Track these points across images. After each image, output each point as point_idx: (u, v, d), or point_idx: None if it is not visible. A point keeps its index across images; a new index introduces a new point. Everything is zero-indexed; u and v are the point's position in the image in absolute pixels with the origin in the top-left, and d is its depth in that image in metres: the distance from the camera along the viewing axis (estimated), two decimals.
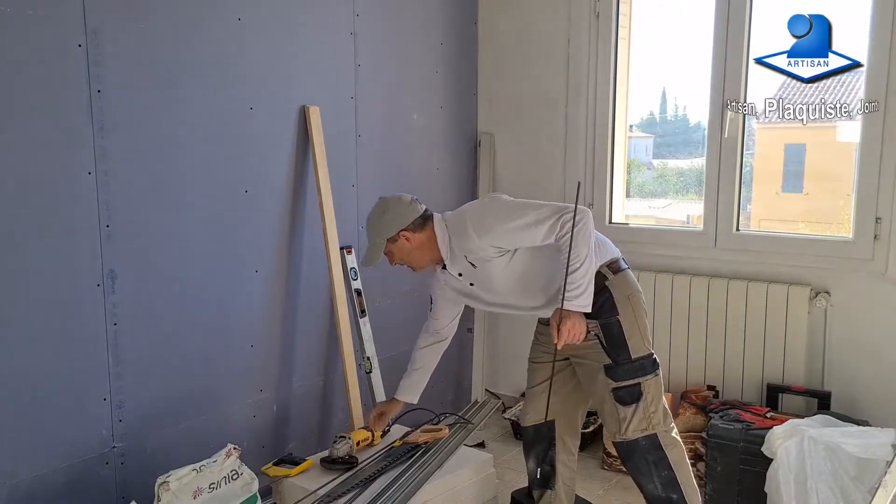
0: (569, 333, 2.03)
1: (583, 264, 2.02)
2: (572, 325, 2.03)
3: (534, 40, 3.43)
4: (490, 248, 2.10)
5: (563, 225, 2.02)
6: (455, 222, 2.17)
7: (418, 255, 2.19)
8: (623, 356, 2.13)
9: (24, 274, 2.00)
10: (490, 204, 2.18)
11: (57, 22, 2.00)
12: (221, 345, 2.52)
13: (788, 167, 3.74)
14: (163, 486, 2.02)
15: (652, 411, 2.13)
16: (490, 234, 2.08)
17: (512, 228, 2.07)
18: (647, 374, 2.14)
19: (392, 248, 2.17)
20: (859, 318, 2.83)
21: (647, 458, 2.13)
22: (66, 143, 2.05)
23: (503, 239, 2.09)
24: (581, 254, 2.02)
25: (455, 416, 2.97)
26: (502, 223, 2.08)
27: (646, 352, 2.16)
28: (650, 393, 2.13)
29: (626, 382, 2.12)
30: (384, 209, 2.19)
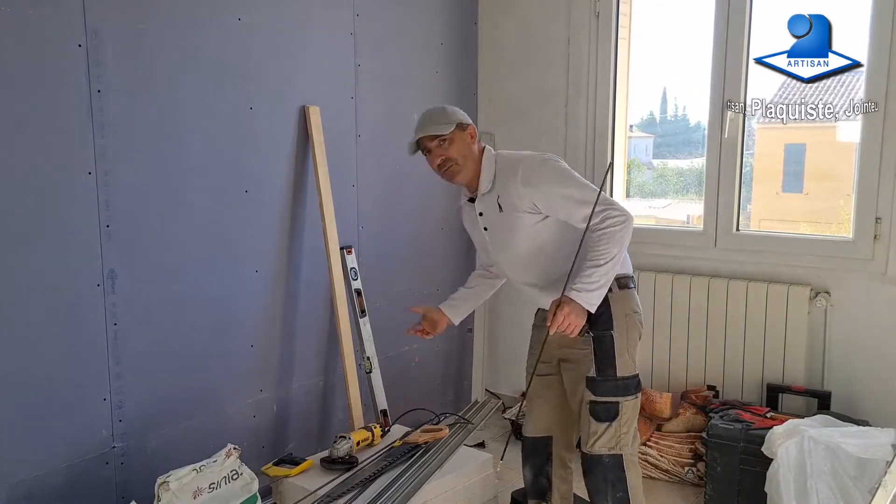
0: (565, 321, 1.93)
1: (608, 262, 1.96)
2: (569, 313, 1.93)
3: (534, 40, 3.43)
4: (528, 201, 2.03)
5: (605, 218, 1.96)
6: (507, 160, 2.12)
7: (470, 161, 2.11)
8: (609, 372, 2.06)
9: (25, 274, 2.00)
10: (549, 161, 2.08)
11: (57, 22, 2.00)
12: (221, 345, 2.52)
13: (788, 167, 3.74)
14: (163, 486, 2.02)
15: (623, 432, 2.07)
16: (535, 188, 2.02)
17: (558, 194, 2.01)
18: (629, 395, 2.08)
19: (457, 136, 2.09)
20: (859, 318, 2.83)
21: (608, 476, 2.08)
22: (66, 143, 2.05)
23: (545, 199, 2.03)
24: (611, 252, 1.96)
25: (455, 416, 2.97)
26: (552, 184, 2.02)
27: (631, 372, 2.09)
28: (626, 414, 2.07)
29: (605, 398, 2.06)
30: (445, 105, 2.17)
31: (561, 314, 1.93)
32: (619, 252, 1.98)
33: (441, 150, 2.10)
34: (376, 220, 3.08)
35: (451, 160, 2.11)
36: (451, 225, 3.48)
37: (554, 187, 2.02)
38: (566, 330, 1.95)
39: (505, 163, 2.12)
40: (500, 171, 2.11)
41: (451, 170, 2.12)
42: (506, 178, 2.08)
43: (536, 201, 2.04)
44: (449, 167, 2.12)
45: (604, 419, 2.06)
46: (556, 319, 1.94)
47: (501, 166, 2.11)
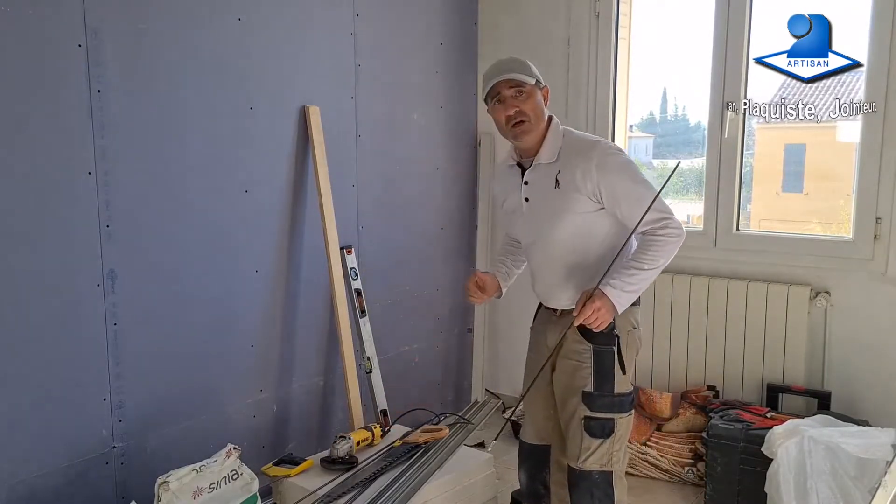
0: (593, 315, 1.86)
1: (651, 270, 1.91)
2: (599, 308, 1.86)
3: (534, 40, 3.43)
4: (593, 185, 1.92)
5: (666, 226, 1.91)
6: (579, 139, 2.00)
7: (540, 123, 1.98)
8: (606, 388, 1.99)
9: (25, 274, 2.00)
10: (624, 154, 2.00)
11: (57, 22, 2.00)
12: (221, 345, 2.52)
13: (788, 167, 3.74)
14: (163, 486, 2.02)
15: (616, 449, 2.01)
16: (607, 174, 1.91)
17: (628, 188, 1.91)
18: (624, 412, 2.01)
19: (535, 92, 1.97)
20: (859, 318, 2.83)
21: (595, 492, 2.02)
22: (66, 143, 2.05)
23: (611, 189, 1.91)
24: (658, 261, 1.91)
25: (455, 416, 2.97)
26: (625, 176, 1.92)
27: (627, 389, 2.03)
28: (620, 431, 2.01)
29: (600, 415, 1.99)
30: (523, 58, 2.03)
31: (591, 307, 1.87)
32: (665, 264, 1.94)
33: (517, 101, 1.96)
34: (376, 220, 3.08)
35: (525, 115, 1.96)
36: (451, 225, 3.48)
37: (626, 181, 1.92)
38: (593, 324, 1.89)
39: (575, 140, 2.00)
40: (567, 147, 1.98)
41: (523, 126, 1.96)
42: (575, 155, 1.95)
43: (602, 188, 1.92)
44: (520, 121, 1.96)
45: (598, 436, 2.00)
46: (585, 311, 1.87)
47: (570, 142, 1.99)
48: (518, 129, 1.97)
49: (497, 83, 1.98)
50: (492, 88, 1.99)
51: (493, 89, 1.99)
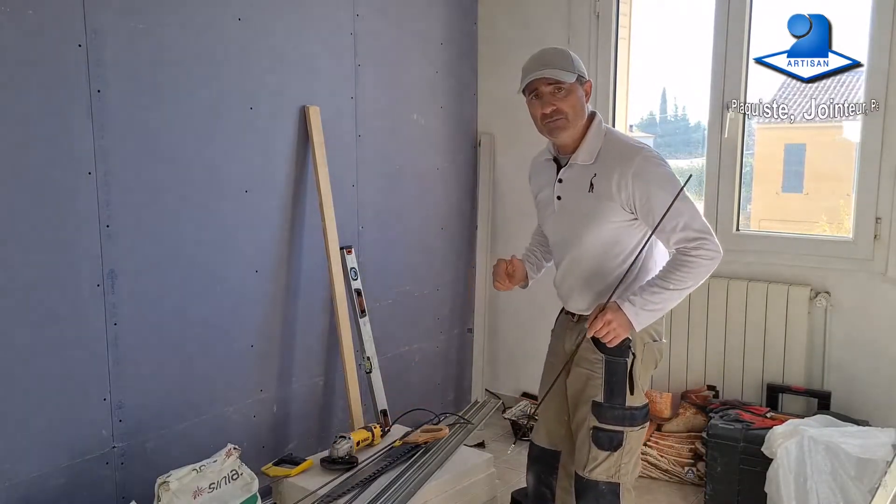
0: (604, 328, 1.81)
1: (677, 290, 1.81)
2: (610, 322, 1.80)
3: (534, 40, 3.42)
4: (628, 194, 1.83)
5: (699, 246, 1.80)
6: (621, 143, 1.90)
7: (579, 121, 1.88)
8: (617, 400, 1.92)
9: (25, 274, 2.00)
10: (666, 166, 1.86)
11: (57, 22, 2.00)
12: (221, 345, 2.52)
13: (788, 167, 3.74)
14: (163, 486, 2.02)
15: (625, 462, 1.94)
16: (645, 185, 1.81)
17: (659, 200, 1.80)
18: (635, 426, 1.94)
19: (575, 89, 1.86)
20: (859, 318, 2.83)
21: (601, 501, 1.95)
22: (66, 143, 2.05)
23: (645, 198, 1.81)
24: (686, 282, 1.81)
25: (455, 416, 2.97)
26: (664, 189, 1.80)
27: (641, 402, 1.95)
28: (630, 444, 1.94)
29: (609, 426, 1.92)
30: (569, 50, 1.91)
31: (602, 320, 1.81)
32: (694, 286, 1.83)
33: (555, 98, 1.85)
34: (376, 220, 3.08)
35: (562, 114, 1.86)
36: (451, 225, 3.48)
37: (664, 193, 1.80)
38: (604, 338, 1.84)
39: (617, 144, 1.89)
40: (607, 149, 1.88)
41: (559, 123, 1.87)
42: (614, 159, 1.86)
43: (637, 197, 1.82)
44: (557, 120, 1.86)
45: (606, 447, 1.93)
46: (596, 324, 1.82)
47: (611, 145, 1.89)
48: (554, 125, 1.88)
49: (535, 80, 1.86)
50: (530, 83, 1.88)
51: (532, 84, 1.88)
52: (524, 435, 3.36)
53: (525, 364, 3.60)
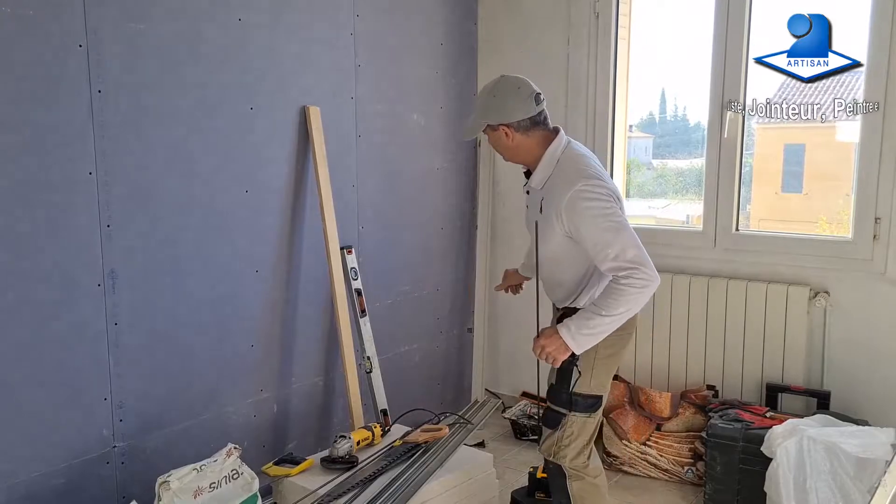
0: (543, 351, 1.97)
1: (611, 317, 1.92)
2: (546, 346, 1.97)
3: (534, 40, 3.43)
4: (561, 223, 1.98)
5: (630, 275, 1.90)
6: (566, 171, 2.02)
7: (512, 152, 2.09)
8: (563, 386, 2.07)
9: (25, 274, 2.00)
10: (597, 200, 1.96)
11: (57, 22, 2.00)
12: (221, 345, 2.53)
13: (788, 167, 3.74)
14: (163, 486, 2.02)
15: (564, 445, 2.10)
16: (574, 217, 1.95)
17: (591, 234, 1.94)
18: (577, 412, 2.08)
19: (490, 133, 2.07)
20: (859, 317, 2.83)
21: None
22: (66, 143, 2.05)
23: (576, 230, 1.96)
24: (618, 309, 1.91)
25: (455, 416, 2.97)
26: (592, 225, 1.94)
27: (587, 391, 2.08)
28: (570, 429, 2.09)
29: (555, 407, 2.10)
30: (495, 92, 2.04)
31: (537, 343, 1.99)
32: (627, 312, 1.93)
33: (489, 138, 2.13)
34: (376, 220, 3.08)
35: (494, 149, 2.16)
36: (451, 225, 3.48)
37: (592, 227, 1.94)
38: (545, 359, 1.99)
39: (561, 174, 2.02)
40: (554, 178, 2.03)
41: (502, 155, 2.14)
42: (557, 188, 2.00)
43: (571, 227, 1.98)
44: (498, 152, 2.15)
45: (549, 425, 2.12)
46: (538, 343, 1.99)
47: (558, 174, 2.03)
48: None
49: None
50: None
51: None
52: (524, 435, 3.36)
53: (525, 364, 3.59)
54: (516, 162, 2.14)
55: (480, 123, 2.07)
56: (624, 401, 3.05)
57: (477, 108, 2.09)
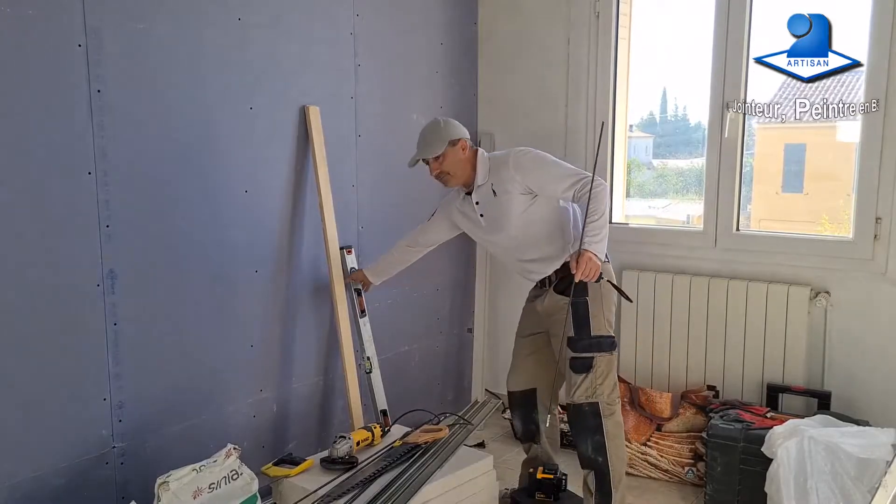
0: (587, 266, 2.26)
1: (601, 217, 2.32)
2: (590, 259, 2.26)
3: (534, 40, 3.43)
4: (520, 183, 2.42)
5: (583, 185, 2.36)
6: (497, 157, 2.53)
7: (461, 168, 2.51)
8: (584, 332, 2.41)
9: (24, 274, 2.00)
10: (532, 151, 2.49)
11: (57, 22, 2.00)
12: (221, 345, 2.53)
13: (788, 167, 3.74)
14: (163, 486, 2.02)
15: (598, 383, 2.40)
16: (524, 171, 2.42)
17: (543, 174, 2.43)
18: (603, 352, 2.41)
19: (449, 152, 2.48)
20: (859, 318, 2.83)
21: (587, 422, 2.41)
22: (66, 143, 2.05)
23: (533, 179, 2.42)
24: (599, 209, 2.32)
25: (455, 416, 2.97)
26: (537, 166, 2.45)
27: (605, 332, 2.43)
28: (600, 368, 2.40)
29: (581, 354, 2.41)
30: (446, 121, 2.54)
31: (583, 260, 2.26)
32: (605, 208, 2.36)
33: (437, 164, 2.50)
34: (376, 220, 3.08)
35: (445, 172, 2.51)
36: None
37: (540, 168, 2.45)
38: (589, 275, 2.27)
39: (496, 159, 2.53)
40: (492, 166, 2.51)
41: (445, 179, 2.54)
42: (498, 168, 2.48)
43: (528, 182, 2.43)
44: (443, 178, 2.54)
45: (580, 371, 2.40)
46: (580, 266, 2.26)
47: (493, 162, 2.52)
48: (443, 182, 2.55)
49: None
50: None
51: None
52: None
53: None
54: (459, 180, 2.53)
55: (440, 145, 2.47)
56: (624, 401, 3.05)
57: (430, 139, 2.50)
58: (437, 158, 2.49)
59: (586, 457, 2.44)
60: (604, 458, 2.40)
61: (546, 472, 2.61)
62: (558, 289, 2.48)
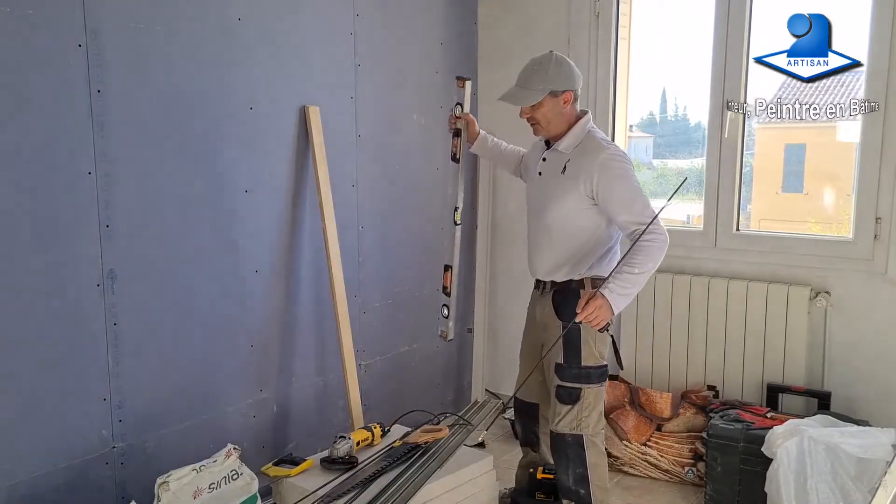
0: (594, 312, 2.09)
1: (642, 274, 2.11)
2: (600, 307, 2.08)
3: (534, 40, 3.43)
4: (591, 182, 2.19)
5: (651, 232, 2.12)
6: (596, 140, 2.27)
7: (556, 122, 2.28)
8: (573, 360, 2.28)
9: (25, 274, 1.99)
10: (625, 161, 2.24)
11: (57, 22, 2.00)
12: (221, 345, 2.52)
13: (788, 167, 3.74)
14: (163, 486, 2.02)
15: (584, 416, 2.29)
16: (606, 176, 2.18)
17: (619, 189, 2.18)
18: (591, 383, 2.28)
19: (547, 102, 2.24)
20: (859, 318, 2.83)
21: (569, 452, 2.31)
22: (66, 143, 2.05)
23: (606, 189, 2.19)
24: (647, 266, 2.12)
25: (455, 416, 2.97)
26: (622, 181, 2.19)
27: (596, 363, 2.29)
28: (588, 400, 2.28)
29: (568, 384, 2.29)
30: (559, 62, 2.26)
31: (593, 305, 2.09)
32: (653, 268, 2.13)
33: (530, 109, 2.27)
34: (376, 220, 3.08)
35: (536, 120, 2.28)
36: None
37: (621, 185, 2.19)
38: (591, 322, 2.11)
39: (591, 140, 2.27)
40: (584, 144, 2.26)
41: (535, 127, 2.31)
42: (587, 151, 2.24)
43: (599, 187, 2.19)
44: (533, 125, 2.31)
45: (567, 402, 2.29)
46: (587, 309, 2.09)
47: (587, 141, 2.27)
48: (532, 127, 2.32)
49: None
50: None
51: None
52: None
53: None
54: (550, 131, 2.29)
55: (541, 90, 2.22)
56: (624, 401, 3.05)
57: (533, 79, 2.24)
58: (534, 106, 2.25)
59: (566, 487, 2.35)
60: (586, 490, 2.33)
61: (546, 473, 2.61)
62: (555, 301, 2.34)
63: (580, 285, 2.30)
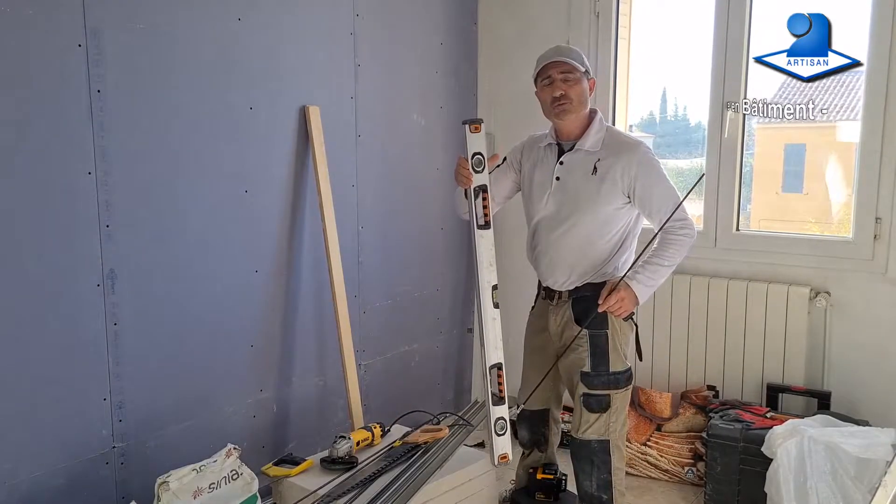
0: (617, 303, 2.11)
1: (670, 267, 2.17)
2: (623, 298, 2.10)
3: (534, 40, 3.42)
4: (630, 180, 2.16)
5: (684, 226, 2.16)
6: (622, 136, 2.27)
7: (582, 109, 2.22)
8: (601, 368, 2.23)
9: (24, 274, 2.00)
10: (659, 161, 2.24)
11: (57, 22, 2.00)
12: (221, 345, 2.52)
13: (788, 167, 3.74)
14: (163, 486, 2.02)
15: (613, 420, 2.25)
16: (647, 172, 2.16)
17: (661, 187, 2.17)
18: (619, 388, 2.25)
19: (584, 82, 2.22)
20: (859, 318, 2.82)
21: (594, 458, 2.26)
22: (66, 143, 2.05)
23: (646, 186, 2.17)
24: (675, 259, 2.17)
25: (455, 416, 2.97)
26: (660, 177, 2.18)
27: (623, 367, 2.27)
28: (616, 405, 2.25)
29: (597, 392, 2.24)
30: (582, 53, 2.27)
31: (616, 296, 2.10)
32: (679, 261, 2.18)
33: (565, 84, 2.19)
34: (376, 220, 3.08)
35: (569, 99, 2.19)
36: (451, 225, 3.48)
37: (662, 181, 2.19)
38: (615, 311, 2.13)
39: (619, 135, 2.27)
40: (611, 140, 2.23)
41: (565, 107, 2.19)
42: (619, 148, 2.20)
43: (638, 184, 2.16)
44: (563, 104, 2.19)
45: (596, 410, 2.24)
46: (610, 299, 2.11)
47: (614, 136, 2.24)
48: (561, 108, 2.19)
49: (549, 65, 2.20)
50: (543, 69, 2.21)
51: (545, 70, 2.21)
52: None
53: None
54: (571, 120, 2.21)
55: (584, 66, 2.21)
56: None
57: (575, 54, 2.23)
58: (570, 76, 2.18)
59: (589, 494, 2.30)
60: (609, 495, 2.27)
61: (546, 472, 2.61)
62: (575, 310, 2.27)
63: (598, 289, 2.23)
